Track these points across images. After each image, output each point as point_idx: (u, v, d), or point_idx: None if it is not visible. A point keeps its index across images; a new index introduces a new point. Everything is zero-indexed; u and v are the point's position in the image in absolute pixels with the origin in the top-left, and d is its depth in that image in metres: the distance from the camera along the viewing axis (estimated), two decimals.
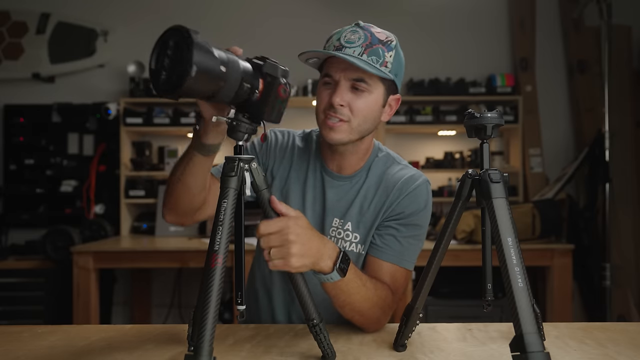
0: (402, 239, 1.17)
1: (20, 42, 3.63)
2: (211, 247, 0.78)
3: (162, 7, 3.79)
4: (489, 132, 0.86)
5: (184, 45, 0.72)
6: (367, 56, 1.10)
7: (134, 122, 3.50)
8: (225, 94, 0.81)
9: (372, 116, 1.16)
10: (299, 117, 3.69)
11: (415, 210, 1.19)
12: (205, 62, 0.73)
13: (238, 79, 0.81)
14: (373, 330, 1.14)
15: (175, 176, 1.09)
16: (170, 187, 1.11)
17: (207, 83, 0.76)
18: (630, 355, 0.97)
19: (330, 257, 0.96)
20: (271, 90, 0.87)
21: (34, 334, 1.14)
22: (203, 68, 0.73)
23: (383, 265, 1.17)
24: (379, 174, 1.24)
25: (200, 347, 0.73)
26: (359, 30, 1.12)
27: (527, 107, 3.56)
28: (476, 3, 3.78)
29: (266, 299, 1.31)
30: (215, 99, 0.81)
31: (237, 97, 0.83)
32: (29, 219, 3.56)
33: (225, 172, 0.84)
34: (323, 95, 1.16)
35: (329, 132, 1.14)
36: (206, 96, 0.80)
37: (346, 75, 1.12)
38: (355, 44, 1.10)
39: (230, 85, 0.80)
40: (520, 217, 2.95)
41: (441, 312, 3.03)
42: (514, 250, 0.77)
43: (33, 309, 3.13)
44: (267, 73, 0.87)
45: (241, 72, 0.82)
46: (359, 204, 1.21)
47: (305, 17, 3.75)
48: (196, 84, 0.73)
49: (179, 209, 1.13)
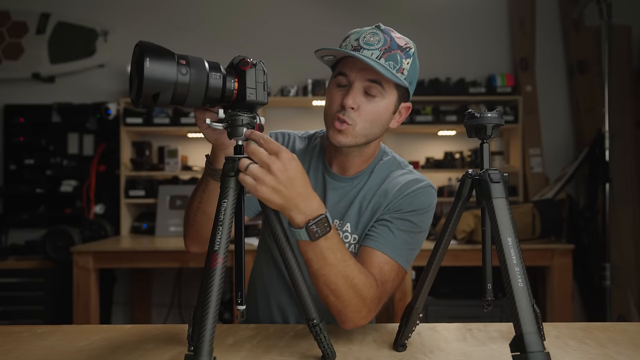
0: (395, 230, 1.12)
1: (20, 42, 3.63)
2: (211, 247, 0.78)
3: (162, 7, 3.79)
4: (489, 132, 0.86)
5: (140, 57, 0.78)
6: (385, 60, 1.09)
7: (134, 122, 3.50)
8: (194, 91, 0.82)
9: (381, 122, 1.14)
10: (299, 117, 3.70)
11: (415, 209, 1.15)
12: (158, 53, 0.79)
13: (204, 74, 0.83)
14: (352, 323, 1.02)
15: (193, 205, 1.09)
16: (190, 217, 1.11)
17: (167, 74, 0.79)
18: (630, 355, 0.97)
19: (304, 214, 0.90)
20: (240, 73, 0.87)
21: (34, 334, 1.14)
22: (155, 58, 0.78)
23: (371, 253, 1.10)
24: (381, 176, 1.22)
25: (200, 347, 0.73)
26: (379, 33, 1.11)
27: (527, 107, 3.57)
28: (476, 3, 3.78)
29: (264, 300, 1.31)
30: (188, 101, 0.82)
31: (210, 91, 0.84)
32: (29, 219, 3.56)
33: (225, 172, 0.84)
34: (335, 96, 1.13)
35: (337, 134, 1.13)
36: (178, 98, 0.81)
37: (361, 76, 1.10)
38: (374, 46, 1.09)
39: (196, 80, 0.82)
40: (520, 217, 2.95)
41: (441, 312, 3.03)
42: (514, 250, 0.77)
43: (33, 309, 3.13)
44: (238, 61, 0.87)
45: (206, 67, 0.84)
46: (358, 204, 1.20)
47: (306, 18, 3.75)
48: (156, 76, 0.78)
49: (202, 238, 1.12)
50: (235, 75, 0.87)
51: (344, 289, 0.97)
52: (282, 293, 1.28)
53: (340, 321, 1.04)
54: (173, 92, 0.80)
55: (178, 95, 0.81)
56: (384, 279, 1.08)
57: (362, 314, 1.02)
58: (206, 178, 1.04)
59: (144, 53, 0.77)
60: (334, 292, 0.98)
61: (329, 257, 0.94)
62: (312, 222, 0.90)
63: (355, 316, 1.01)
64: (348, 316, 1.01)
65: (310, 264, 0.95)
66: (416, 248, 1.16)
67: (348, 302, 0.99)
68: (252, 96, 0.87)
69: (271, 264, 1.29)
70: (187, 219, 1.13)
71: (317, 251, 0.93)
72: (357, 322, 1.03)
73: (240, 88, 0.87)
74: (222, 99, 0.86)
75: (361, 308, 1.01)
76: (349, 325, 1.03)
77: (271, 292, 1.29)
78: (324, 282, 0.97)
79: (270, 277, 1.30)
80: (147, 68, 0.77)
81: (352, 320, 1.02)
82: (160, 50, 0.80)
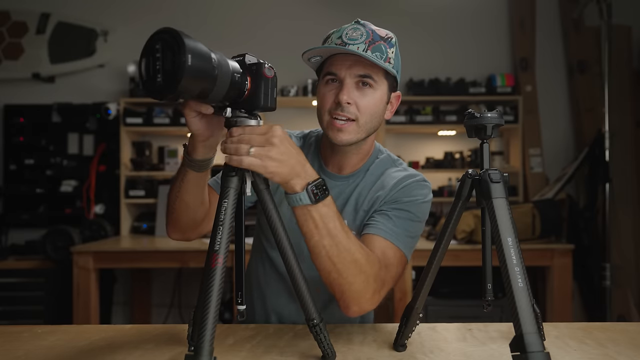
0: (394, 218, 1.12)
1: (20, 42, 3.64)
2: (211, 247, 0.78)
3: (162, 7, 3.79)
4: (489, 132, 0.86)
5: (173, 42, 0.72)
6: (372, 52, 1.10)
7: (134, 122, 3.50)
8: (220, 86, 0.80)
9: (378, 113, 1.15)
10: (298, 117, 3.70)
11: (411, 200, 1.15)
12: (199, 49, 0.74)
13: (229, 71, 0.82)
14: (357, 306, 0.99)
15: (172, 194, 1.09)
16: (170, 206, 1.11)
17: (203, 74, 0.75)
18: (630, 355, 0.97)
19: (304, 178, 0.90)
20: (259, 77, 0.86)
21: (34, 334, 1.14)
22: (197, 55, 0.73)
23: (373, 238, 1.08)
24: (377, 174, 1.23)
25: (200, 347, 0.73)
26: (361, 28, 1.12)
27: (527, 107, 3.57)
28: (476, 3, 3.78)
29: (260, 301, 1.31)
30: (212, 95, 0.80)
31: (231, 90, 0.83)
32: (29, 219, 3.56)
33: (225, 172, 0.84)
34: (327, 95, 1.13)
35: (337, 133, 1.13)
36: (203, 92, 0.79)
37: (352, 72, 1.11)
38: (358, 40, 1.10)
39: (223, 76, 0.80)
40: (520, 217, 2.95)
41: (441, 312, 3.03)
42: (514, 250, 0.77)
43: (33, 309, 3.13)
44: (251, 63, 0.87)
45: (230, 64, 0.83)
46: (354, 201, 1.21)
47: (306, 19, 3.75)
48: (195, 74, 0.73)
49: (182, 226, 1.13)
50: (248, 74, 0.86)
51: (346, 262, 0.94)
52: (276, 295, 1.28)
53: (344, 305, 0.99)
54: (201, 88, 0.77)
55: (204, 91, 0.78)
56: (388, 263, 1.05)
57: (367, 296, 0.98)
58: (184, 168, 1.03)
59: (185, 48, 0.71)
60: (336, 267, 0.94)
61: (329, 225, 0.93)
62: (312, 184, 0.90)
63: (360, 297, 0.98)
64: (352, 297, 0.97)
65: (310, 235, 0.93)
66: (415, 237, 1.16)
67: (353, 280, 0.96)
68: (266, 102, 0.87)
69: (267, 264, 1.30)
70: (168, 207, 1.12)
71: (317, 218, 0.92)
72: (362, 306, 0.99)
73: (253, 90, 0.86)
74: (237, 97, 0.86)
75: (366, 287, 0.97)
76: (354, 309, 0.99)
77: (267, 292, 1.29)
78: (326, 255, 0.94)
79: (266, 277, 1.30)
80: (189, 65, 0.71)
81: (357, 303, 0.98)
82: (198, 45, 0.75)
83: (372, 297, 0.99)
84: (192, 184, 1.04)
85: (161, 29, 0.74)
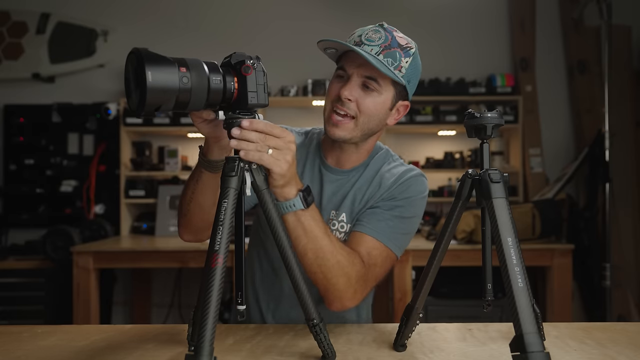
0: (386, 215, 1.15)
1: (20, 42, 3.63)
2: (211, 247, 0.78)
3: (163, 7, 3.79)
4: (489, 132, 0.86)
5: (138, 61, 0.76)
6: (384, 57, 1.11)
7: (134, 122, 3.50)
8: (197, 95, 0.82)
9: (378, 117, 1.16)
10: (299, 117, 3.70)
11: (408, 197, 1.18)
12: (160, 65, 0.77)
13: (204, 79, 0.83)
14: (339, 303, 1.07)
15: (186, 196, 1.10)
16: (184, 207, 1.12)
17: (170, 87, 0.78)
18: (630, 355, 0.97)
19: (298, 184, 0.98)
20: (240, 76, 0.87)
21: (34, 334, 1.14)
22: (158, 70, 0.76)
23: (360, 237, 1.13)
24: (375, 169, 1.25)
25: (200, 347, 0.72)
26: (381, 31, 1.14)
27: (527, 107, 3.56)
28: (476, 3, 3.78)
29: (255, 301, 1.31)
30: (191, 104, 0.82)
31: (212, 95, 0.84)
32: (29, 219, 3.56)
33: (225, 172, 0.84)
34: (333, 87, 1.17)
35: (333, 128, 1.15)
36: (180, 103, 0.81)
37: (359, 72, 1.13)
38: (374, 42, 1.12)
39: (198, 85, 0.81)
40: (520, 217, 2.95)
41: (441, 312, 3.03)
42: (514, 250, 0.77)
43: (33, 309, 3.13)
44: (237, 63, 0.87)
45: (205, 71, 0.83)
46: (352, 195, 1.23)
47: (306, 19, 3.75)
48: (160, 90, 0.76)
49: (195, 227, 1.15)
50: (234, 75, 0.87)
51: (329, 265, 1.02)
52: (270, 296, 1.29)
53: (328, 302, 1.08)
54: (176, 100, 0.80)
55: (180, 103, 0.81)
56: (372, 263, 1.11)
57: (349, 295, 1.06)
58: (199, 169, 1.05)
59: (144, 63, 0.75)
60: (320, 269, 1.02)
61: (315, 230, 1.00)
62: (302, 190, 0.98)
63: (342, 296, 1.05)
64: (335, 296, 1.05)
65: (298, 240, 0.99)
66: (409, 233, 1.19)
67: (335, 280, 1.03)
68: (254, 100, 0.87)
69: (265, 265, 1.30)
70: (181, 208, 1.14)
71: (306, 224, 0.99)
72: (344, 303, 1.07)
73: (241, 90, 0.87)
74: (222, 100, 0.87)
75: (347, 287, 1.05)
76: (337, 305, 1.07)
77: (259, 295, 1.30)
78: (313, 257, 1.01)
79: (263, 278, 1.30)
80: (149, 81, 0.75)
81: (339, 301, 1.06)
82: (160, 59, 0.78)
83: (354, 296, 1.07)
84: (206, 185, 1.05)
85: (131, 50, 0.78)
